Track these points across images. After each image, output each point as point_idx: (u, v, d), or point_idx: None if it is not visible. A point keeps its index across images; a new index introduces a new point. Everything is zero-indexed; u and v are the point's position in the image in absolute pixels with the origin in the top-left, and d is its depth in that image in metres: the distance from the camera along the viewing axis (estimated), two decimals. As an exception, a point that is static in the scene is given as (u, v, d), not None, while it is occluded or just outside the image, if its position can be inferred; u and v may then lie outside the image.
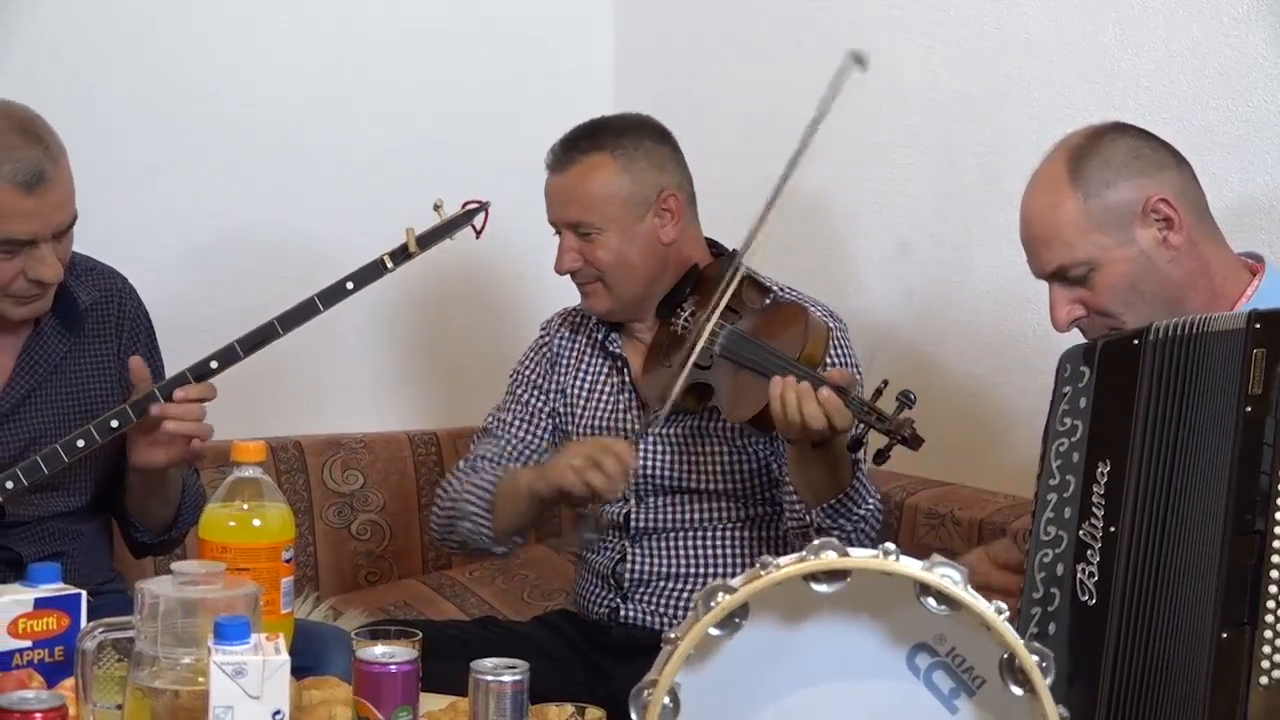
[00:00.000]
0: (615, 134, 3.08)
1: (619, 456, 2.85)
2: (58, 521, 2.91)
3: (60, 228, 2.76)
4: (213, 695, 1.89)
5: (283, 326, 2.84)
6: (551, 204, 3.10)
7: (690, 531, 3.07)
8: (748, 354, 2.87)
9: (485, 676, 2.03)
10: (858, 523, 2.85)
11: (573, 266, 3.07)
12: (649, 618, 3.08)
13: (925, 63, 3.52)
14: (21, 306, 2.81)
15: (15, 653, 2.13)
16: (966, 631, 1.78)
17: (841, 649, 1.81)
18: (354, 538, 3.77)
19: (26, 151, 2.70)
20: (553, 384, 3.22)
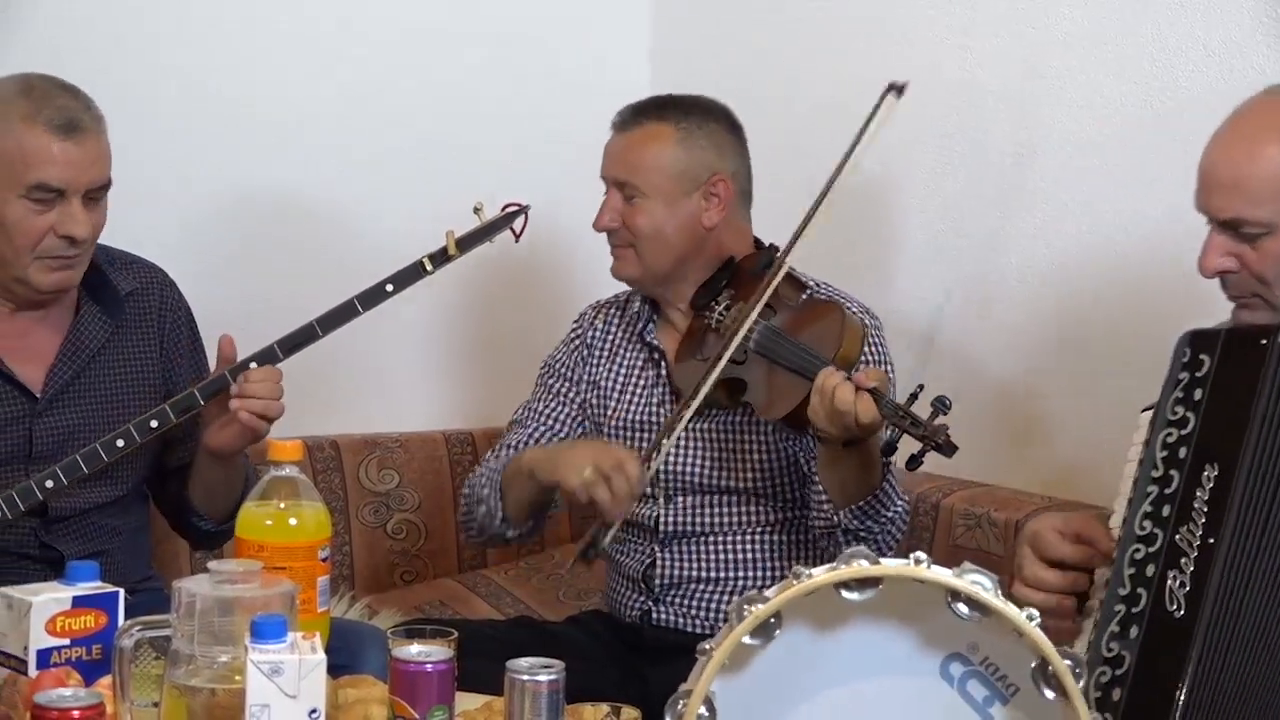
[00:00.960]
0: (684, 109, 3.11)
1: (630, 479, 2.82)
2: (98, 516, 2.93)
3: (93, 185, 2.79)
4: (249, 694, 1.89)
5: (322, 328, 2.86)
6: (606, 160, 3.13)
7: (720, 535, 3.07)
8: (783, 351, 2.87)
9: (521, 676, 2.03)
10: (885, 525, 2.85)
11: (609, 225, 3.09)
12: (681, 620, 3.07)
13: (961, 61, 3.51)
14: (51, 273, 2.82)
15: (53, 650, 2.14)
16: (998, 638, 1.77)
17: (874, 656, 1.81)
18: (389, 537, 3.78)
19: (66, 101, 2.78)
20: (584, 375, 3.22)
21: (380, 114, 3.89)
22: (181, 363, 3.04)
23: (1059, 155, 3.34)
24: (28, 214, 2.77)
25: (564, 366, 3.25)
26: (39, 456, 2.85)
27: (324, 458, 3.71)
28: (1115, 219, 3.25)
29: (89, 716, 1.84)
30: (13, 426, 2.86)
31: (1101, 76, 3.27)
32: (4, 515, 2.77)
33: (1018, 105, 3.41)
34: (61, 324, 2.92)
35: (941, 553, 3.24)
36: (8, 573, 2.74)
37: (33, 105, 2.75)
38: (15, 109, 2.76)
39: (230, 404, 2.81)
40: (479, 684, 2.25)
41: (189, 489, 2.99)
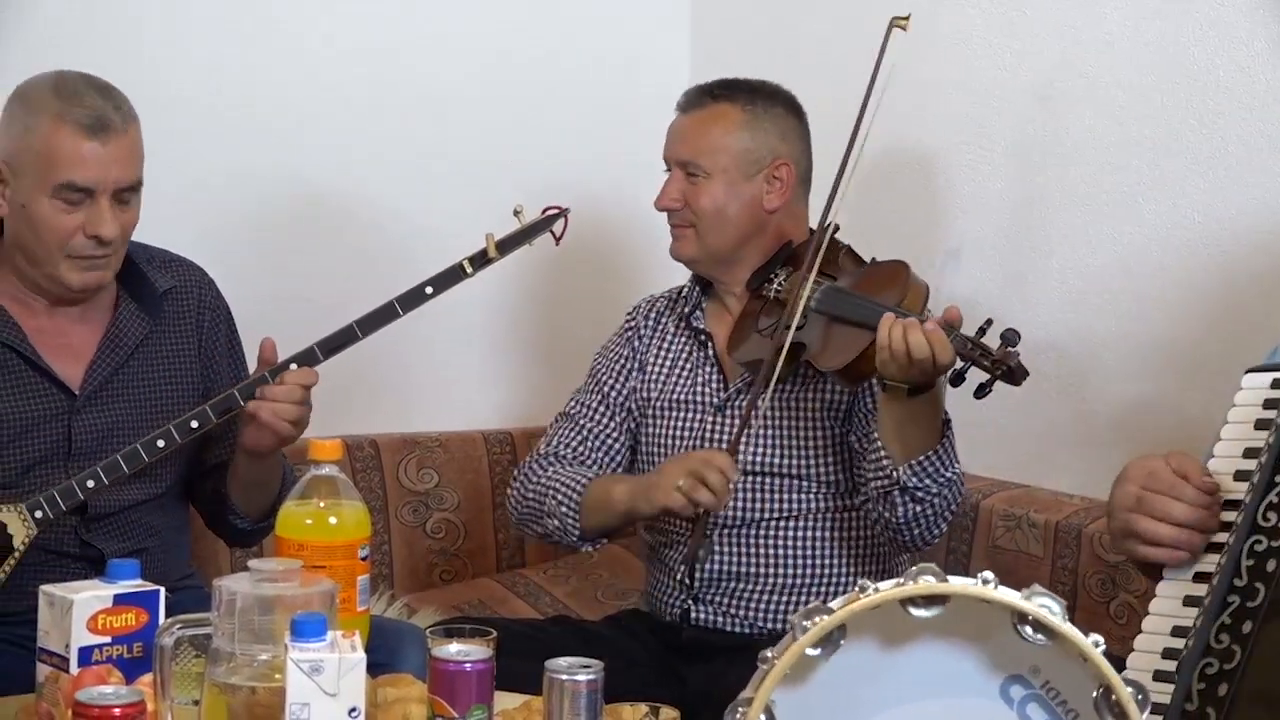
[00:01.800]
0: (750, 91, 3.13)
1: (722, 470, 2.85)
2: (138, 514, 2.94)
3: (120, 185, 2.79)
4: (289, 692, 1.90)
5: (362, 330, 2.87)
6: (670, 140, 3.14)
7: (760, 524, 3.06)
8: (844, 305, 2.90)
9: (560, 675, 2.03)
10: (943, 486, 2.85)
11: (672, 205, 3.10)
12: (720, 618, 3.07)
13: (1000, 60, 3.49)
14: (82, 272, 2.83)
15: (95, 648, 2.14)
16: (1062, 663, 1.76)
17: (937, 674, 1.80)
18: (428, 536, 3.79)
19: (95, 101, 2.78)
20: (633, 364, 3.23)
21: (420, 116, 3.90)
22: (220, 361, 3.05)
23: (1098, 156, 3.33)
24: (56, 213, 2.78)
25: (616, 360, 3.26)
26: (78, 453, 2.86)
27: (363, 457, 3.72)
28: (1156, 219, 3.23)
29: (130, 714, 1.85)
30: (52, 423, 2.87)
31: (1143, 78, 3.25)
32: (46, 515, 2.78)
33: (1058, 105, 3.40)
34: (100, 321, 2.93)
35: (981, 554, 3.23)
36: (48, 571, 2.75)
37: (63, 104, 2.76)
38: (46, 107, 2.77)
39: (249, 406, 2.82)
40: (518, 683, 2.25)
41: (227, 487, 3.00)
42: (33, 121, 2.77)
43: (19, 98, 2.82)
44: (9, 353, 2.85)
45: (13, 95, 2.84)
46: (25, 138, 2.78)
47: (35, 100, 2.79)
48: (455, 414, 3.98)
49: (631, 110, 4.02)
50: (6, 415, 2.84)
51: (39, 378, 2.87)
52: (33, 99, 2.79)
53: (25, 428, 2.85)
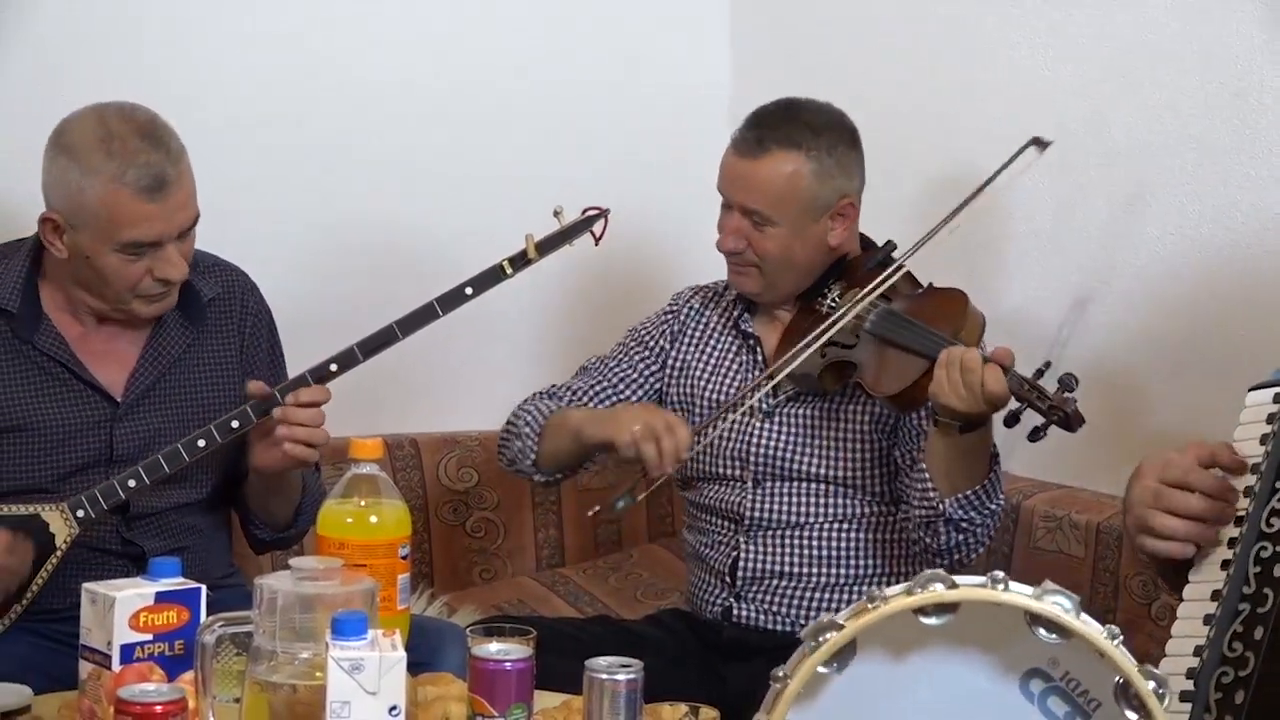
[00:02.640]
0: (813, 132, 3.03)
1: (679, 439, 2.85)
2: (179, 514, 2.95)
3: (183, 227, 2.80)
4: (330, 690, 1.90)
5: (402, 330, 2.88)
6: (731, 183, 3.05)
7: (805, 527, 3.06)
8: (900, 332, 2.88)
9: (600, 675, 2.03)
10: (986, 517, 2.85)
11: (735, 248, 3.05)
12: (762, 617, 3.07)
13: (1044, 61, 3.48)
14: (150, 305, 2.85)
15: (136, 646, 2.15)
16: (1080, 654, 1.75)
17: (953, 681, 1.79)
18: (468, 535, 3.79)
19: (148, 156, 2.73)
20: (671, 356, 3.22)
21: (460, 117, 3.90)
22: (260, 366, 3.04)
23: (1143, 159, 3.31)
24: (124, 264, 2.78)
25: (650, 337, 3.25)
26: (119, 460, 2.87)
27: (404, 456, 3.72)
28: (1201, 219, 3.22)
29: (172, 711, 1.86)
30: (95, 431, 2.88)
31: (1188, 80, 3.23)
32: (88, 514, 2.80)
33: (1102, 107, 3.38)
34: (143, 330, 2.94)
35: (1022, 555, 3.22)
36: (91, 568, 2.77)
37: (116, 166, 2.71)
38: (99, 168, 2.72)
39: (278, 431, 2.82)
40: (557, 682, 2.25)
41: (247, 498, 3.01)
42: (86, 183, 2.73)
43: (65, 150, 2.76)
44: (52, 362, 2.86)
45: (56, 142, 2.79)
46: (80, 197, 2.74)
47: (85, 158, 2.73)
48: (495, 413, 3.97)
49: (670, 111, 4.03)
50: (50, 422, 2.86)
51: (82, 386, 2.88)
52: (82, 156, 2.74)
53: (68, 434, 2.87)
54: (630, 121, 4.02)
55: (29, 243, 2.89)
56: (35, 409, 2.86)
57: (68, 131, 2.78)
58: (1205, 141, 3.21)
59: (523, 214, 2.95)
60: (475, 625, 2.34)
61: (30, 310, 2.86)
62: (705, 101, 4.08)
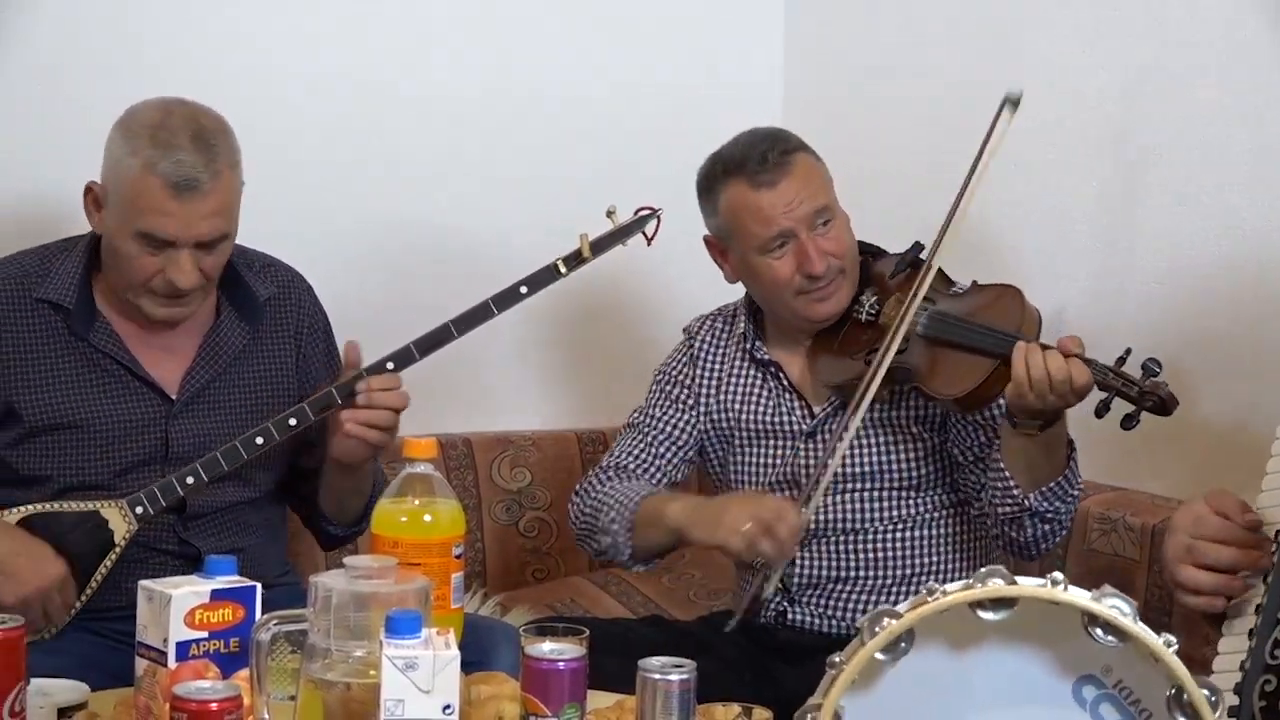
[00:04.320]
0: (785, 137, 3.07)
1: (791, 524, 2.81)
2: (235, 513, 2.97)
3: (204, 239, 2.78)
4: (384, 689, 1.91)
5: (457, 329, 2.89)
6: (781, 211, 2.99)
7: (860, 532, 3.05)
8: (957, 332, 2.86)
9: (653, 675, 2.03)
10: (1070, 504, 2.85)
11: (835, 250, 3.00)
12: (816, 620, 3.06)
13: (1089, 57, 3.47)
14: (160, 307, 2.84)
15: (192, 643, 2.15)
16: (1134, 663, 1.74)
17: (1007, 677, 1.79)
18: (521, 534, 3.80)
19: (188, 156, 2.73)
20: (700, 387, 3.21)
21: (513, 117, 3.91)
22: (317, 367, 3.06)
23: (1188, 154, 3.30)
24: (139, 253, 2.78)
25: (679, 374, 3.24)
26: (175, 458, 2.89)
27: (457, 455, 3.73)
28: (1255, 218, 3.20)
29: (227, 708, 1.86)
30: (150, 428, 2.90)
31: (1234, 77, 3.22)
32: (146, 511, 2.81)
33: (1146, 103, 3.37)
34: (200, 328, 2.95)
35: (1076, 557, 3.21)
36: (146, 567, 2.79)
37: (155, 152, 2.73)
38: (140, 151, 2.74)
39: (342, 416, 2.83)
40: (610, 682, 2.25)
41: (319, 495, 3.02)
42: (127, 162, 2.75)
43: (122, 125, 2.80)
44: (107, 359, 2.88)
45: (121, 118, 2.82)
46: (118, 172, 2.77)
47: (134, 139, 2.76)
48: (548, 413, 3.99)
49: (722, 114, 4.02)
50: (106, 419, 2.88)
51: (137, 383, 2.90)
52: (133, 136, 2.76)
53: (124, 432, 2.88)
54: (683, 121, 4.01)
55: (85, 240, 2.91)
56: (91, 406, 2.88)
57: (134, 111, 2.81)
58: (1258, 140, 3.19)
59: (576, 214, 2.96)
60: (528, 625, 2.34)
61: (85, 307, 2.88)
62: (758, 101, 4.08)
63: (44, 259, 2.92)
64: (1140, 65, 3.38)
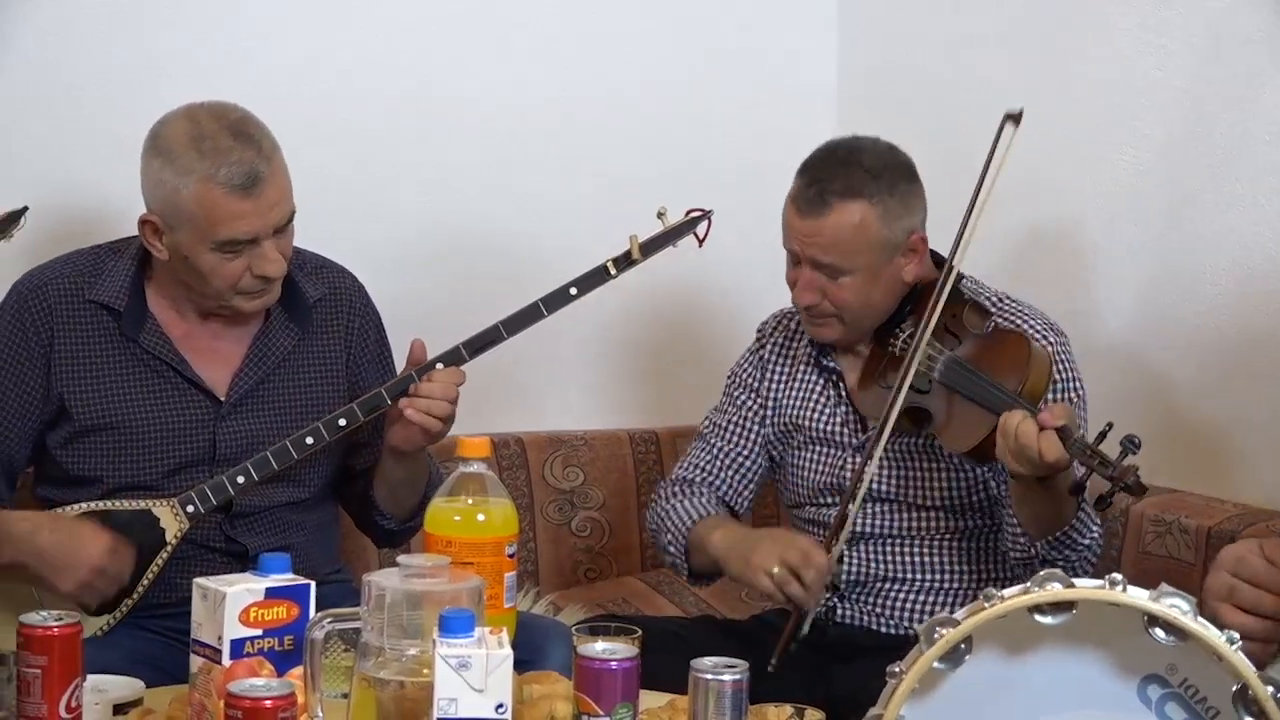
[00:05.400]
0: (873, 176, 2.96)
1: (819, 570, 2.82)
2: (284, 512, 2.97)
3: (279, 224, 2.81)
4: (437, 687, 1.91)
5: (507, 330, 2.90)
6: (799, 241, 2.98)
7: (907, 539, 3.05)
8: (966, 384, 2.84)
9: (705, 675, 2.03)
10: (1081, 552, 2.84)
11: (813, 301, 3.00)
12: (866, 618, 3.06)
13: (1154, 61, 3.45)
14: (252, 300, 2.87)
15: (246, 640, 2.17)
16: (1197, 660, 1.73)
17: (1068, 681, 1.77)
18: (574, 534, 3.80)
19: (240, 154, 2.74)
20: (768, 390, 3.21)
21: (564, 120, 3.92)
22: (367, 367, 3.06)
23: (1254, 158, 3.27)
24: (222, 262, 2.80)
25: (749, 376, 3.24)
26: (223, 459, 2.90)
27: (510, 455, 3.74)
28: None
29: (281, 706, 1.87)
30: (198, 429, 2.91)
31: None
32: (197, 509, 2.83)
33: (1210, 107, 3.35)
34: (249, 329, 2.96)
35: (1131, 560, 3.19)
36: (196, 565, 2.80)
37: (208, 164, 2.73)
38: (192, 168, 2.74)
39: (401, 403, 2.84)
40: (662, 682, 2.25)
41: (374, 489, 3.02)
42: (181, 183, 2.75)
43: (159, 151, 2.79)
44: (157, 360, 2.90)
45: (151, 145, 2.81)
46: (175, 198, 2.77)
47: (178, 159, 2.76)
48: (600, 412, 3.99)
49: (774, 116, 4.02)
50: (155, 420, 2.89)
51: (186, 384, 2.91)
52: (176, 157, 2.76)
53: (172, 432, 2.90)
54: (737, 123, 4.01)
55: (137, 241, 2.92)
56: (140, 407, 2.89)
57: (161, 133, 2.80)
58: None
59: (627, 215, 2.96)
60: (581, 624, 2.34)
61: (136, 308, 2.90)
62: (810, 103, 4.08)
63: (96, 260, 2.94)
64: (1196, 68, 3.36)
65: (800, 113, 4.03)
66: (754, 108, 4.04)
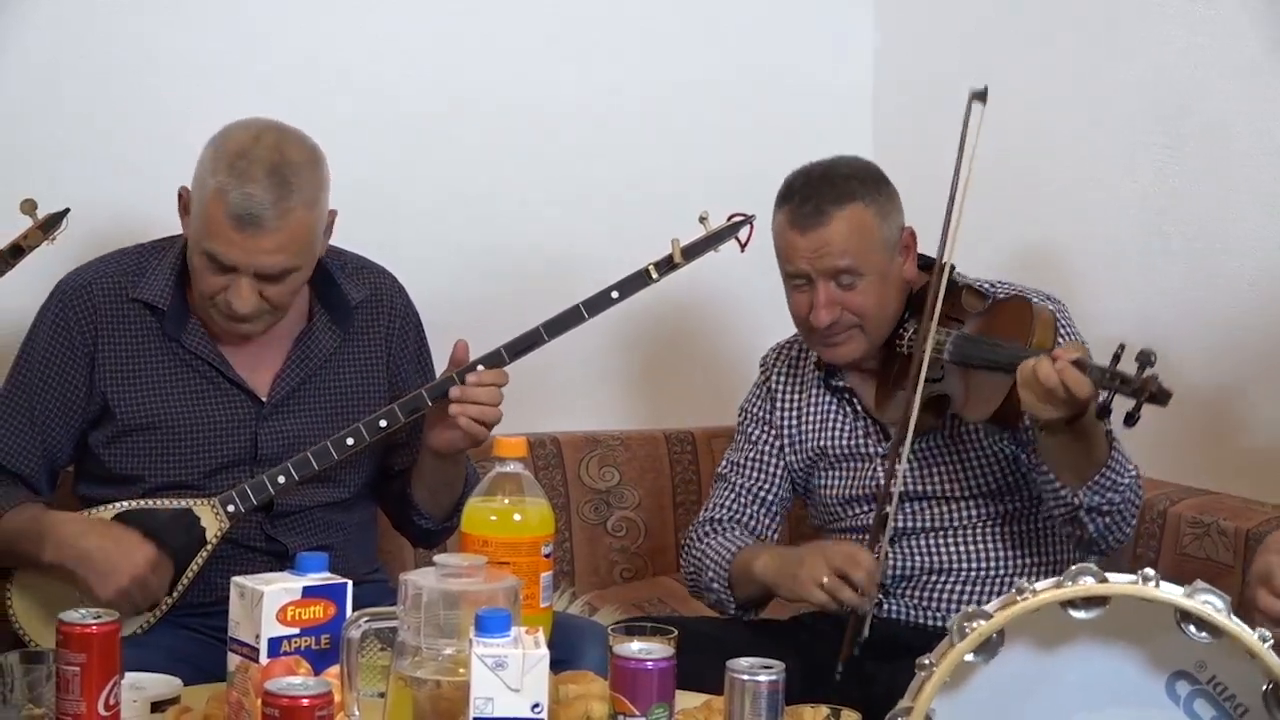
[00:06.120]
0: (859, 182, 3.02)
1: (868, 570, 2.82)
2: (324, 512, 2.98)
3: (262, 270, 2.78)
4: (473, 687, 1.92)
5: (548, 333, 2.90)
6: (806, 257, 3.00)
7: (948, 531, 3.05)
8: (978, 354, 2.86)
9: (742, 675, 2.03)
10: (1124, 492, 2.83)
11: (835, 317, 3.00)
12: (912, 612, 3.06)
13: (1186, 57, 3.44)
14: (224, 320, 2.86)
15: (283, 639, 2.17)
16: (1228, 659, 1.73)
17: (1099, 676, 1.77)
18: (609, 534, 3.80)
19: (257, 191, 2.73)
20: (777, 418, 3.22)
21: (607, 124, 3.94)
22: (407, 368, 3.07)
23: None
24: (205, 268, 2.80)
25: (758, 409, 3.25)
26: (264, 459, 2.91)
27: (546, 455, 3.74)
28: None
29: (318, 705, 1.88)
30: (240, 430, 2.92)
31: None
32: (238, 509, 2.84)
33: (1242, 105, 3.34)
34: (292, 331, 2.97)
35: (1169, 562, 3.18)
36: (235, 564, 2.81)
37: (229, 179, 2.73)
38: (217, 174, 2.74)
39: (450, 409, 2.84)
40: (698, 682, 2.25)
41: (412, 488, 3.03)
42: (207, 180, 2.76)
43: (215, 142, 2.81)
44: (199, 360, 2.91)
45: (216, 134, 2.82)
46: (199, 186, 2.79)
47: (217, 159, 2.77)
48: (637, 413, 3.99)
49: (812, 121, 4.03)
50: (196, 420, 2.90)
51: (228, 385, 2.92)
52: (218, 156, 2.77)
53: (214, 432, 2.91)
54: (777, 127, 4.01)
55: (180, 240, 2.93)
56: (182, 407, 2.90)
57: (230, 130, 2.81)
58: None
59: (669, 219, 2.97)
60: (617, 624, 2.34)
61: (179, 309, 2.91)
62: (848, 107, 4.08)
63: (141, 258, 2.96)
64: (1236, 67, 3.35)
65: (838, 118, 4.05)
66: (794, 112, 4.04)
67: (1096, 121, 3.55)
